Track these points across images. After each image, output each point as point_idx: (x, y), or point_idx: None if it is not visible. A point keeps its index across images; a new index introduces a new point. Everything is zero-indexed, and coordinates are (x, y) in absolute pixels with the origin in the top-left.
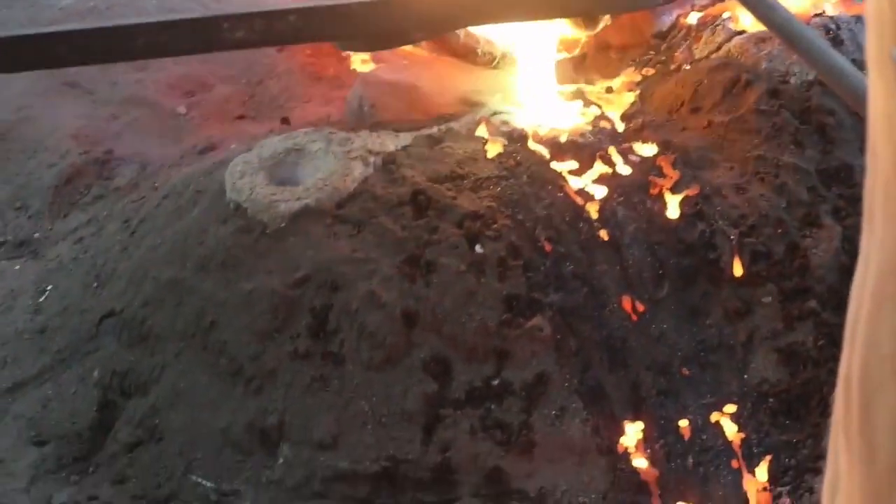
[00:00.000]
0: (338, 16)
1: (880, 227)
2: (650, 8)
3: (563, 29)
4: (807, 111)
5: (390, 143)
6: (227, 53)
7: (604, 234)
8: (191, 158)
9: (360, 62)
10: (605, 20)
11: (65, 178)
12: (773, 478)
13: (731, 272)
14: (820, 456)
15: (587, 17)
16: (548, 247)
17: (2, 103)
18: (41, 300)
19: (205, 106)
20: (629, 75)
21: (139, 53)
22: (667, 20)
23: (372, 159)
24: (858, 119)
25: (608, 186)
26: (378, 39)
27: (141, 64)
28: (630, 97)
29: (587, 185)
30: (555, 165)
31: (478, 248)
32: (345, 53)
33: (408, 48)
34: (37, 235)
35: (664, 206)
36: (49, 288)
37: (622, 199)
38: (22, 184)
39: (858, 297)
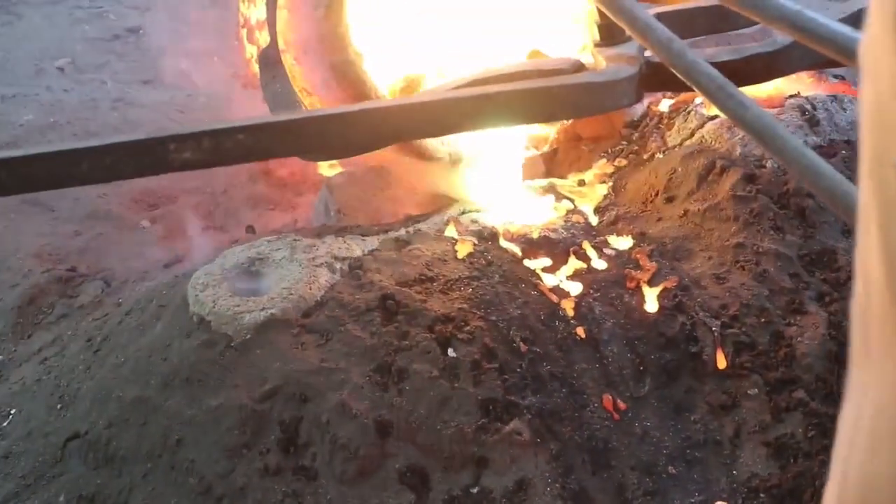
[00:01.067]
0: (290, 132)
1: (878, 358)
2: (623, 107)
3: (532, 126)
4: (785, 195)
5: (357, 247)
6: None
7: (581, 332)
8: (155, 273)
9: (328, 166)
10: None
11: (28, 298)
12: None
13: (715, 365)
14: None
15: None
16: (523, 347)
17: None
18: (5, 424)
19: (169, 218)
20: (601, 167)
21: (84, 178)
22: (638, 109)
23: (338, 265)
24: None
25: (583, 282)
26: (335, 151)
27: None
28: (603, 189)
29: (562, 281)
30: (528, 263)
31: (450, 352)
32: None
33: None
34: (0, 358)
35: (642, 299)
36: (13, 412)
37: (598, 294)
38: None
39: (850, 432)
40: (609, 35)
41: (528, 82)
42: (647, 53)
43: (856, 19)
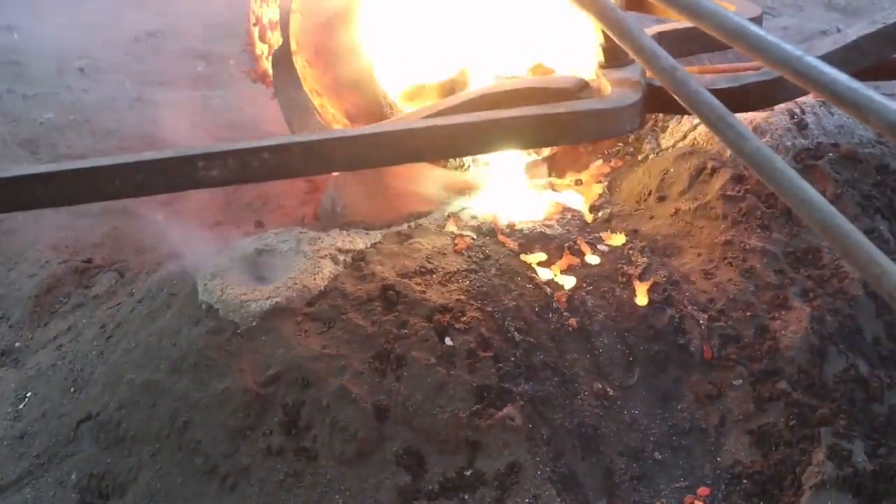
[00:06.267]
0: (312, 152)
1: None
2: (627, 134)
3: None
4: (772, 195)
5: (360, 240)
6: None
7: (573, 323)
8: (168, 265)
9: None
10: None
11: (45, 287)
12: None
13: (702, 356)
14: None
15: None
16: (518, 337)
17: None
18: (21, 407)
19: (182, 214)
20: (598, 168)
21: (116, 193)
22: None
23: (342, 257)
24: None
25: (577, 276)
26: (354, 167)
27: None
28: (599, 188)
29: (556, 275)
30: (524, 257)
31: (447, 341)
32: None
33: None
34: (18, 345)
35: (633, 293)
36: (29, 395)
37: (591, 287)
38: (2, 294)
39: None
40: (613, 58)
41: (535, 108)
42: (649, 76)
43: (850, 51)
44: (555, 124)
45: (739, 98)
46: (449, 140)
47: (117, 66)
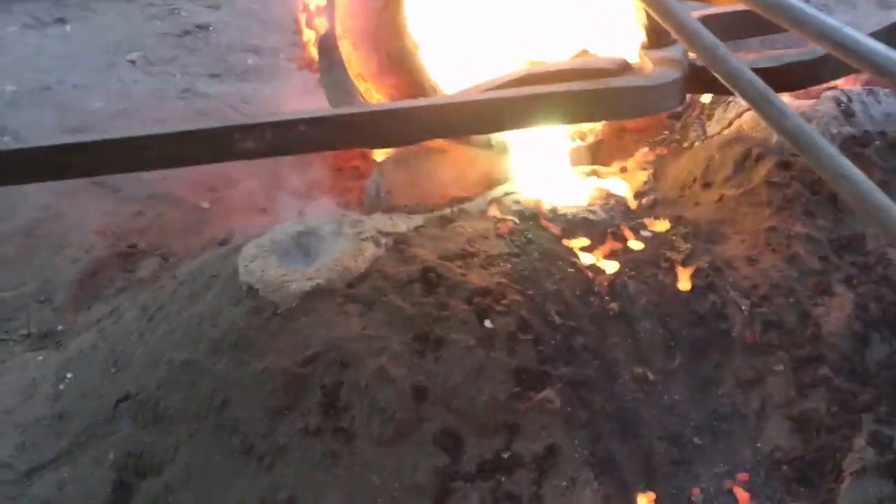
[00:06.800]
0: (348, 125)
1: None
2: (668, 111)
3: None
4: (818, 182)
5: (402, 224)
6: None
7: (615, 308)
8: (211, 250)
9: (382, 153)
10: None
11: (89, 271)
12: None
13: (743, 341)
14: None
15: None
16: (558, 321)
17: (30, 201)
18: (61, 387)
19: (228, 201)
20: (643, 155)
21: (152, 164)
22: None
23: (383, 240)
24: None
25: (619, 261)
26: (390, 144)
27: None
28: (643, 176)
29: (598, 260)
30: (566, 242)
31: (487, 324)
32: None
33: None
34: (60, 328)
35: (675, 278)
36: (69, 375)
37: (633, 272)
38: (47, 278)
39: None
40: (656, 38)
41: (577, 84)
42: (692, 56)
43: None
44: (596, 99)
45: (781, 77)
46: (489, 113)
47: (168, 58)
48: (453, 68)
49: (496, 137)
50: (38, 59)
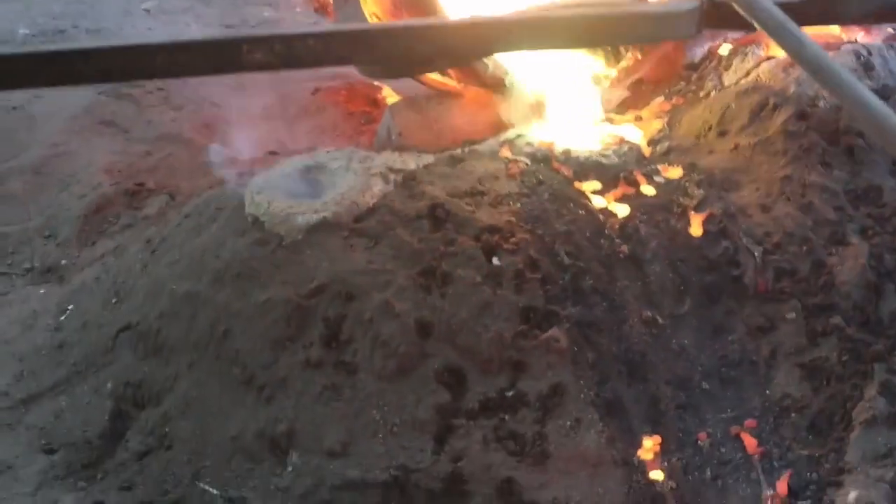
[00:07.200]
0: (357, 41)
1: None
2: (683, 39)
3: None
4: (835, 133)
5: (412, 161)
6: (264, 94)
7: (625, 250)
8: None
9: (393, 97)
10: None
11: (94, 207)
12: (794, 492)
13: (755, 288)
14: (842, 470)
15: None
16: (567, 261)
17: (39, 139)
18: (62, 318)
19: (238, 142)
20: (658, 105)
21: (156, 72)
22: (698, 52)
23: (392, 176)
24: None
25: (631, 205)
26: (400, 65)
27: (176, 104)
28: (658, 124)
29: (609, 203)
30: (577, 185)
31: (495, 261)
32: (378, 93)
33: (437, 79)
34: (64, 262)
35: (688, 223)
36: (70, 307)
37: (645, 217)
38: (53, 214)
39: None
40: None
41: (592, 8)
42: None
43: None
44: (610, 23)
45: (801, 11)
46: (498, 35)
47: (184, 8)
48: (469, 7)
49: (512, 79)
50: (52, 4)
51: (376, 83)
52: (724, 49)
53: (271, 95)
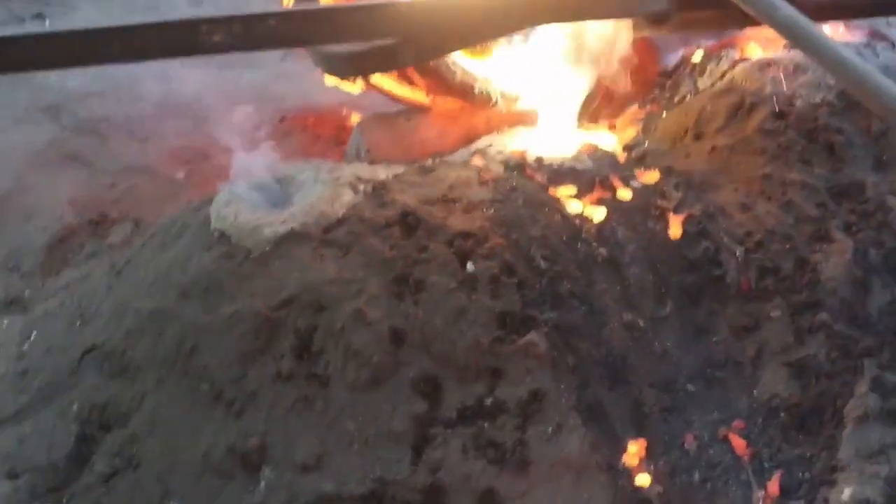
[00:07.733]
0: (318, 21)
1: None
2: (649, 13)
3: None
4: (814, 130)
5: (381, 171)
6: (227, 125)
7: (603, 253)
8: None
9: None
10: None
11: (58, 237)
12: (786, 492)
13: (738, 288)
14: (835, 468)
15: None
16: (543, 265)
17: (1, 172)
18: (25, 347)
19: (203, 172)
20: (633, 113)
21: (114, 57)
22: (672, 59)
23: (361, 186)
24: (869, 138)
25: (607, 209)
26: (362, 59)
27: (142, 135)
28: (632, 131)
29: (585, 208)
30: (552, 191)
31: (469, 267)
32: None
33: (405, 92)
34: (27, 293)
35: (666, 225)
36: (34, 334)
37: (622, 220)
38: (16, 246)
39: None
40: None
41: None
42: None
43: None
44: None
45: None
46: (461, 15)
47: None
48: None
49: (482, 87)
50: None
51: (342, 105)
52: (698, 55)
53: (237, 124)
